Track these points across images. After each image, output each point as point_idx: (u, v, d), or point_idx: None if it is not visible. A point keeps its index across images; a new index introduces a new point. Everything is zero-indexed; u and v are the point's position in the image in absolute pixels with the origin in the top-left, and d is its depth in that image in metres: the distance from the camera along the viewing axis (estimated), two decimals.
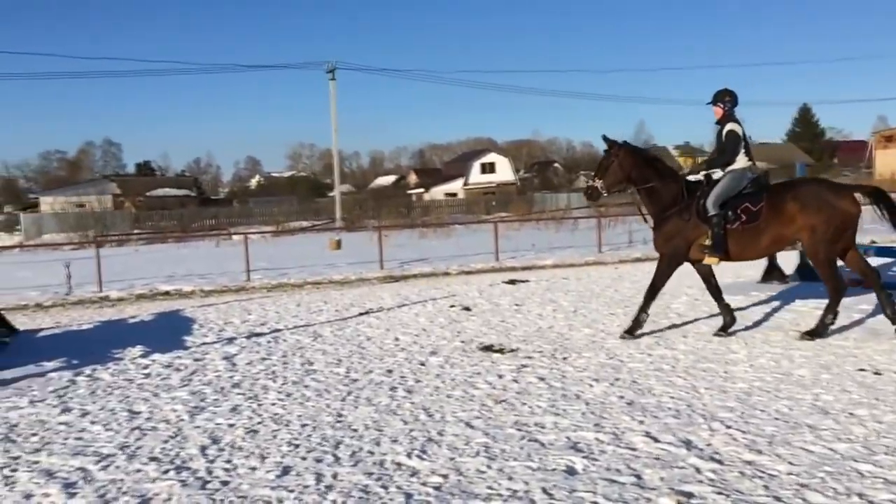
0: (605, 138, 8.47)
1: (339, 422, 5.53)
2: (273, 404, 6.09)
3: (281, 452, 4.88)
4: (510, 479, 4.28)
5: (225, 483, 4.38)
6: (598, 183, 8.30)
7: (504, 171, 79.03)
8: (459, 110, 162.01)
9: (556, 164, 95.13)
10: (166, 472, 4.61)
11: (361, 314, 10.81)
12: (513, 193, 65.84)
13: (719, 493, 3.93)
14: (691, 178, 8.37)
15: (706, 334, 8.14)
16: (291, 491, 4.21)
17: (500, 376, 6.71)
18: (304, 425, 5.47)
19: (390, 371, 7.12)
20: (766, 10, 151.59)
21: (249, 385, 6.79)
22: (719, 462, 4.38)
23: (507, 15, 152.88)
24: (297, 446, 5.00)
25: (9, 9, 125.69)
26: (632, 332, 8.16)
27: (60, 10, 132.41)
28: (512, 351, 7.78)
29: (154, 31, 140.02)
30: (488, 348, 7.97)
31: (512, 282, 14.03)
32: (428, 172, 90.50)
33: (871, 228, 10.28)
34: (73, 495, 4.28)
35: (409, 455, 4.73)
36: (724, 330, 8.07)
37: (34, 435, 5.51)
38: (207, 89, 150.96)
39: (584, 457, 4.58)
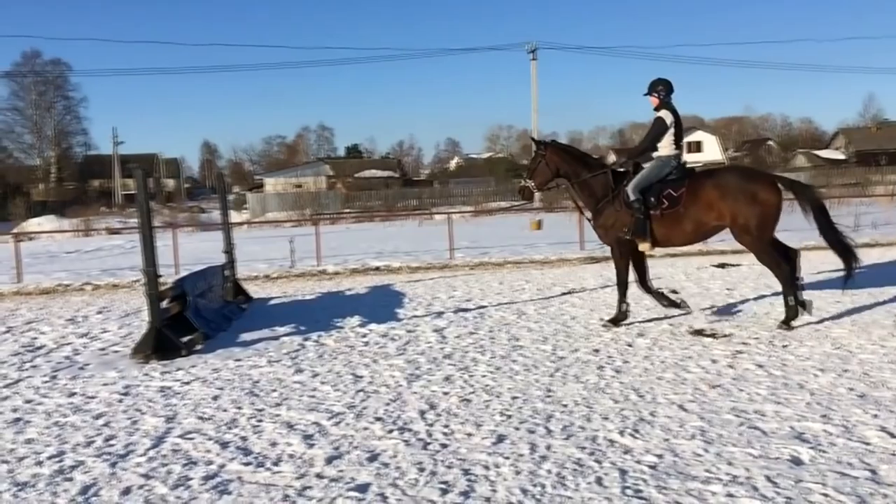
0: (533, 140, 9.16)
1: (548, 396, 5.63)
2: (483, 376, 6.31)
3: (494, 422, 5.07)
4: (729, 464, 4.15)
5: (444, 446, 4.64)
6: (530, 183, 8.62)
7: (711, 150, 75.28)
8: None
9: (769, 142, 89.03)
10: (390, 431, 4.95)
11: (564, 294, 10.84)
12: None
13: None
14: (620, 168, 8.59)
15: None
16: (507, 458, 4.37)
17: (714, 361, 6.48)
18: (514, 398, 5.63)
19: (597, 350, 7.11)
20: None
21: (460, 357, 7.07)
22: None
23: None
24: (509, 417, 5.16)
25: (242, 5, 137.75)
26: (616, 321, 8.30)
27: (283, 4, 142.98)
28: (725, 336, 7.48)
29: (362, 20, 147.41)
30: (699, 332, 7.71)
31: (722, 265, 13.40)
32: (628, 152, 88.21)
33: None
34: (311, 446, 4.73)
35: (621, 433, 4.73)
36: (674, 305, 8.63)
37: (274, 391, 6.12)
38: (411, 74, 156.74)
39: (810, 447, 4.34)
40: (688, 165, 8.44)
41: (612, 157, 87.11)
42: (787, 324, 7.66)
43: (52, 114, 74.66)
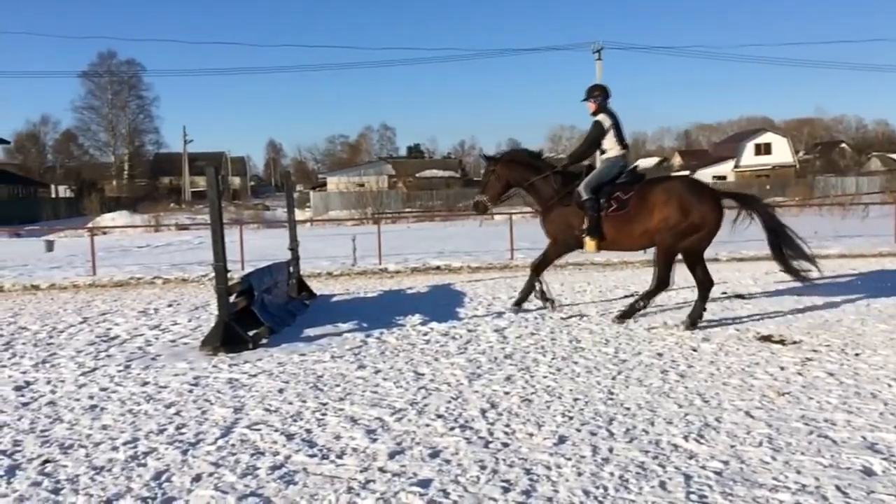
0: (482, 156, 9.54)
1: (610, 399, 5.59)
2: (544, 377, 6.30)
3: (556, 422, 5.06)
4: (798, 472, 4.06)
5: (505, 444, 4.65)
6: (483, 198, 9.10)
7: (781, 153, 73.16)
8: (732, 87, 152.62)
9: (842, 145, 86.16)
10: (452, 429, 4.99)
11: (626, 296, 10.71)
12: (790, 176, 60.74)
13: None
14: (572, 168, 8.87)
15: None
16: (569, 459, 4.36)
17: (782, 368, 6.33)
18: (575, 399, 5.60)
19: (660, 354, 7.02)
20: None
21: (520, 357, 7.07)
22: None
23: None
24: (570, 418, 5.15)
25: (308, 7, 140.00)
26: (551, 304, 9.15)
27: (348, 6, 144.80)
28: (794, 343, 7.29)
29: (426, 21, 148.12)
30: (767, 338, 7.53)
31: None
32: (694, 154, 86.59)
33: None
34: (374, 440, 4.80)
35: (685, 438, 4.67)
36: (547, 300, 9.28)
37: (337, 386, 6.22)
38: (473, 74, 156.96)
39: (883, 458, 4.22)
40: (639, 169, 9.05)
41: (677, 160, 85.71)
42: (621, 319, 8.42)
43: (126, 112, 77.34)
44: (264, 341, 8.06)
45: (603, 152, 8.53)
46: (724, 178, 66.87)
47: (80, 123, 77.48)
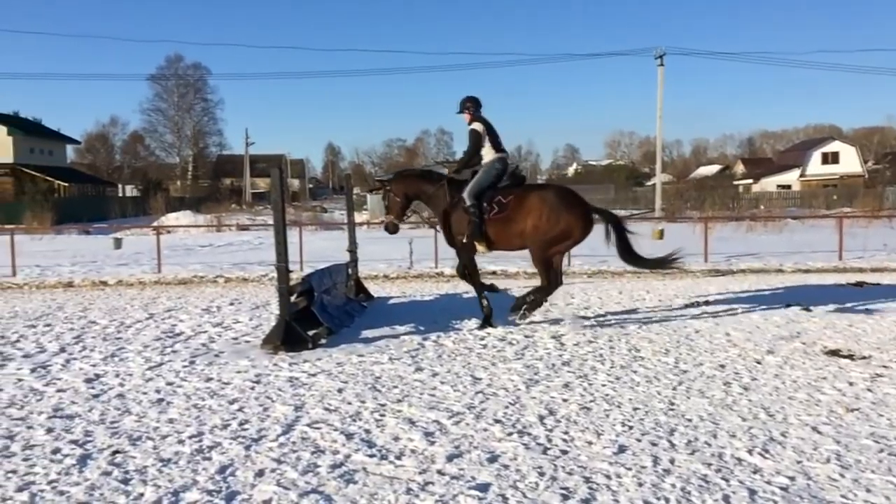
0: (377, 180, 10.21)
1: (671, 409, 5.50)
2: (603, 385, 6.24)
3: (615, 431, 5.01)
4: (868, 491, 3.95)
5: (564, 452, 4.62)
6: (389, 218, 9.36)
7: (849, 162, 71.01)
8: (798, 94, 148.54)
9: None
10: (510, 434, 4.98)
11: (687, 306, 10.54)
12: (859, 187, 58.81)
13: None
14: (458, 177, 9.20)
15: None
16: (629, 469, 4.32)
17: (851, 384, 6.14)
18: (635, 409, 5.54)
19: (723, 366, 6.88)
20: None
21: (578, 364, 7.01)
22: None
23: None
24: (630, 428, 5.09)
25: (367, 11, 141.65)
26: (487, 320, 8.95)
27: (406, 11, 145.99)
28: (864, 358, 7.06)
29: (484, 26, 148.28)
30: (835, 353, 7.32)
31: (859, 284, 12.65)
32: (757, 162, 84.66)
33: None
34: (432, 443, 4.83)
35: (749, 452, 4.57)
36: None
37: (395, 387, 6.27)
38: (531, 79, 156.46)
39: None
40: (521, 173, 9.57)
41: (739, 167, 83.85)
42: (516, 311, 8.78)
43: (192, 115, 79.28)
44: (323, 341, 8.18)
45: (481, 158, 8.96)
46: (788, 187, 65.18)
47: (147, 125, 79.82)
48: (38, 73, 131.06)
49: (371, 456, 4.61)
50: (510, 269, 16.49)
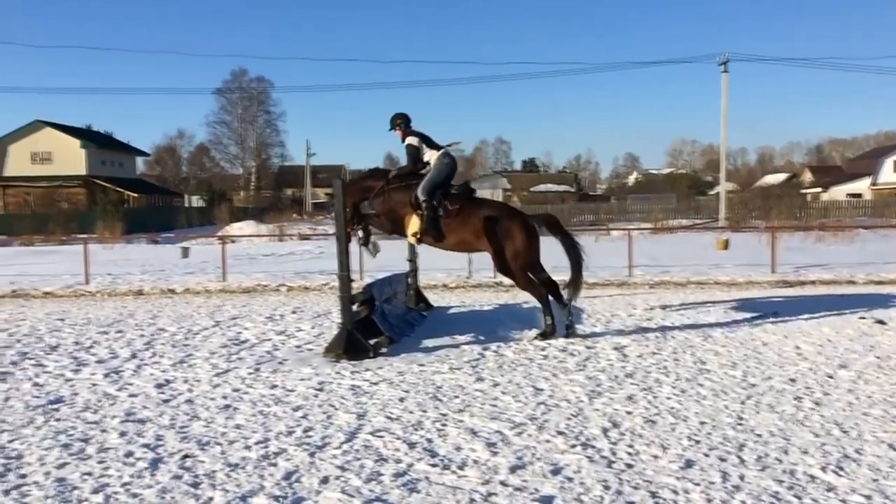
0: (326, 194, 11.22)
1: (739, 424, 5.37)
2: (668, 398, 6.12)
3: (682, 446, 4.91)
4: None
5: (629, 465, 4.55)
6: (351, 229, 9.38)
7: None
8: (869, 101, 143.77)
9: None
10: (573, 446, 4.93)
11: (754, 318, 10.26)
12: None
13: None
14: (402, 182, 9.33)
15: None
16: (697, 484, 4.22)
17: None
18: (702, 423, 5.42)
19: (793, 380, 6.68)
20: None
21: (642, 377, 6.90)
22: None
23: None
24: (697, 442, 4.98)
25: (428, 23, 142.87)
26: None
27: (464, 20, 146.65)
28: None
29: (545, 34, 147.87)
30: None
31: None
32: (826, 170, 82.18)
33: None
34: (495, 454, 4.81)
35: (823, 469, 4.43)
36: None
37: (456, 397, 6.27)
38: (590, 87, 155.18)
39: None
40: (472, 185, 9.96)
41: (807, 176, 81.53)
42: (543, 337, 8.78)
43: (255, 127, 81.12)
44: (384, 350, 8.24)
45: (426, 164, 9.15)
46: (859, 195, 62.94)
47: (212, 137, 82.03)
48: (110, 87, 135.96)
49: (434, 465, 4.62)
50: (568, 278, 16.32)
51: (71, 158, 55.00)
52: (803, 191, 68.15)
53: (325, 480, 4.40)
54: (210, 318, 11.32)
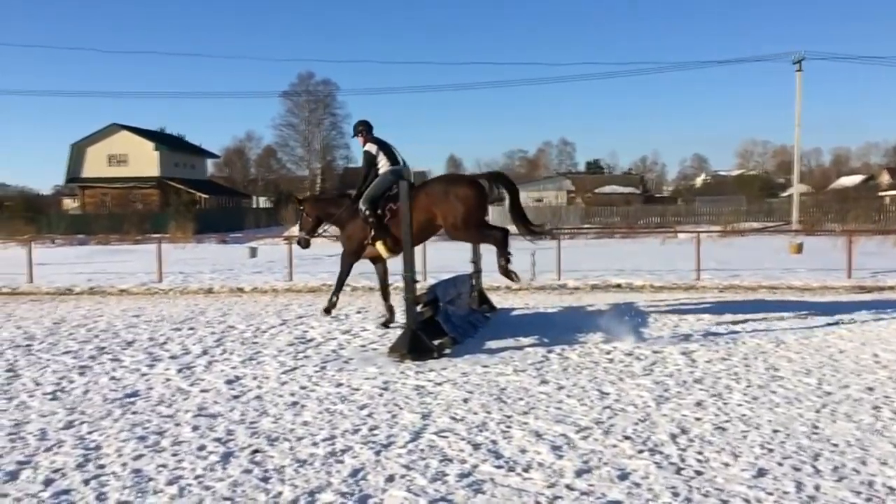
0: (295, 199, 11.53)
1: (814, 433, 5.21)
2: (739, 405, 5.98)
3: (754, 454, 4.78)
4: None
5: (699, 473, 4.46)
6: (302, 234, 10.62)
7: None
8: None
9: None
10: (640, 451, 4.85)
11: (829, 324, 9.92)
12: None
13: None
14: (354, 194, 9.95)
15: None
16: (770, 493, 4.11)
17: None
18: (775, 431, 5.27)
19: (871, 388, 6.44)
20: None
21: (711, 383, 6.75)
22: None
23: None
24: (770, 450, 4.85)
25: (491, 24, 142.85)
26: (328, 311, 10.52)
27: (528, 22, 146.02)
28: None
29: (610, 34, 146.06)
30: None
31: None
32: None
33: None
34: (560, 457, 4.78)
35: None
36: (386, 325, 10.15)
37: (520, 399, 6.25)
38: (656, 87, 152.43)
39: None
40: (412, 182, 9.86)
41: (885, 178, 78.47)
42: (507, 275, 8.96)
43: (321, 129, 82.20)
44: (448, 351, 8.26)
45: (366, 177, 9.75)
46: None
47: (279, 139, 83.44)
48: (182, 91, 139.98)
49: (498, 467, 4.61)
50: (636, 281, 16.12)
51: (145, 160, 56.85)
52: (880, 193, 65.54)
53: (390, 479, 4.44)
54: (277, 316, 11.55)
